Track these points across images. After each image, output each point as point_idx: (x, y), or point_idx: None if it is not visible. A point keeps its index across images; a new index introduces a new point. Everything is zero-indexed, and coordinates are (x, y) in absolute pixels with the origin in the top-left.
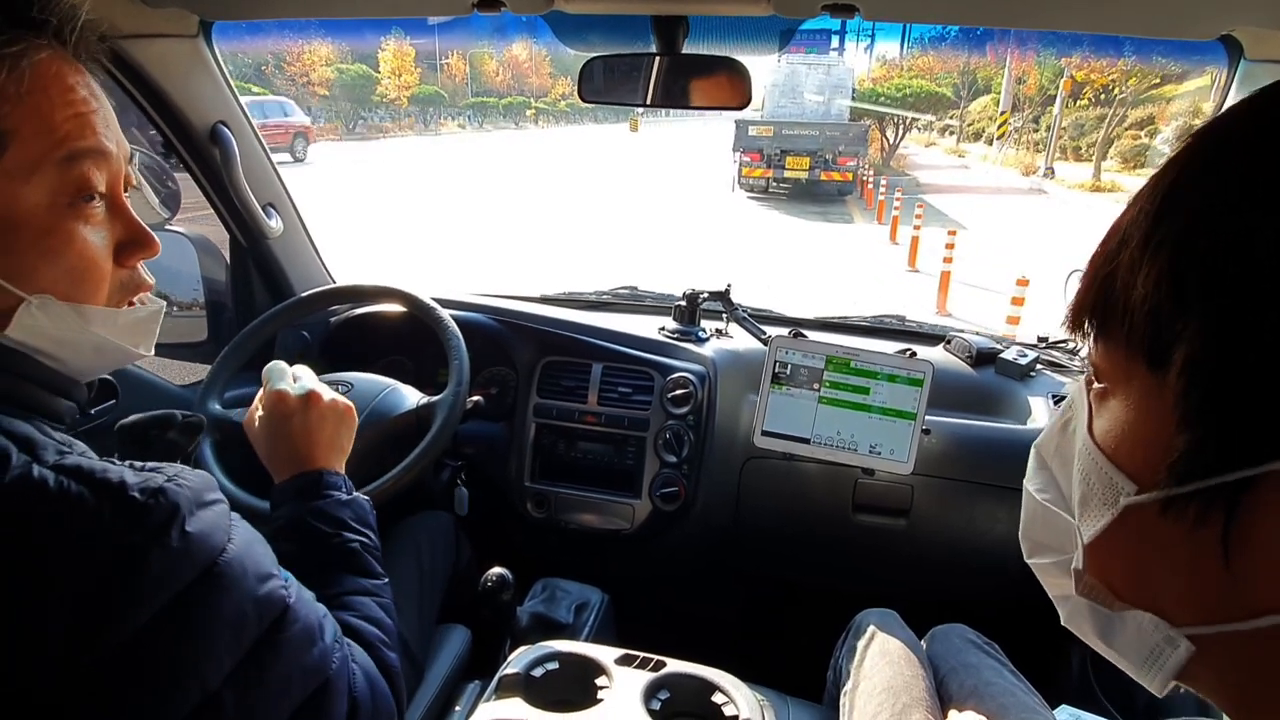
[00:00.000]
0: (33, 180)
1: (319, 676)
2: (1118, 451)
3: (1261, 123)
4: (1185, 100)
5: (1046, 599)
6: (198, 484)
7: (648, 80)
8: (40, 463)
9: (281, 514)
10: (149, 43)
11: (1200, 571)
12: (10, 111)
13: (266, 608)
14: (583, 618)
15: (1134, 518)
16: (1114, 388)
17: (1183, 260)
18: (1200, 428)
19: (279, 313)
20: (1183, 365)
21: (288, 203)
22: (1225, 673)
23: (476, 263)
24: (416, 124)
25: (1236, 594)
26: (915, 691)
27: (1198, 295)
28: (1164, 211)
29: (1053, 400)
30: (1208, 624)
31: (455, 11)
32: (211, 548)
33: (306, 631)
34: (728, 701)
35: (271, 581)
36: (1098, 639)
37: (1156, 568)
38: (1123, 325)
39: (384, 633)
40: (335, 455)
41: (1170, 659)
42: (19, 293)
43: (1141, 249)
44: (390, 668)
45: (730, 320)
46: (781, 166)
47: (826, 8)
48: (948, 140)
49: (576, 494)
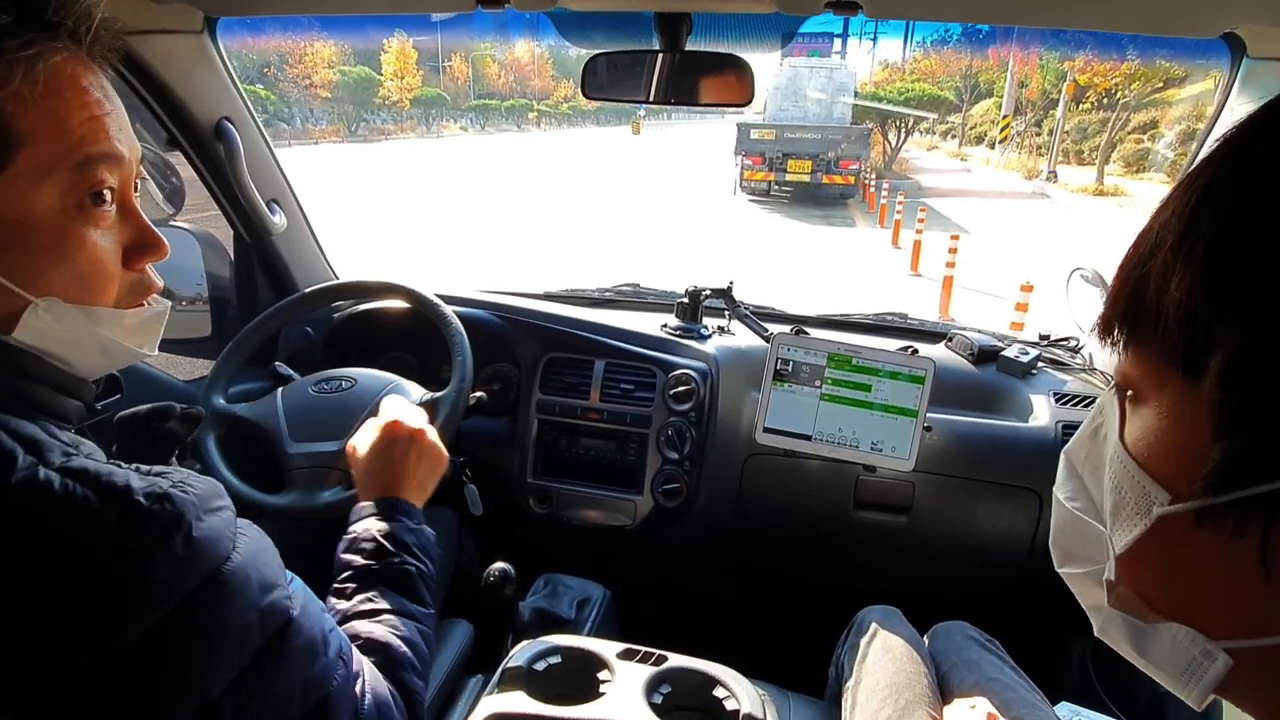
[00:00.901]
0: (46, 184)
1: (320, 690)
2: (1150, 460)
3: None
4: (1188, 104)
5: (1047, 596)
6: (204, 490)
7: (651, 77)
8: (46, 465)
9: (356, 528)
10: (154, 38)
11: (1238, 583)
12: (25, 114)
13: (270, 618)
14: (585, 612)
15: (1168, 528)
16: (1146, 395)
17: (1219, 263)
18: (1238, 436)
19: (283, 308)
20: (1220, 372)
21: (291, 199)
22: (1268, 688)
23: (480, 262)
24: (419, 126)
25: (1278, 607)
26: (918, 688)
27: (1235, 299)
28: (1199, 213)
29: (1054, 398)
30: (1247, 638)
31: (460, 8)
32: (216, 555)
33: (309, 644)
34: (729, 696)
35: (276, 592)
36: (1132, 650)
37: (1192, 580)
38: (1155, 331)
39: (416, 657)
40: (419, 492)
41: (1209, 673)
42: (26, 295)
43: (1175, 252)
44: (413, 692)
45: (732, 317)
46: (783, 170)
47: (830, 5)
48: (950, 144)
49: (579, 490)
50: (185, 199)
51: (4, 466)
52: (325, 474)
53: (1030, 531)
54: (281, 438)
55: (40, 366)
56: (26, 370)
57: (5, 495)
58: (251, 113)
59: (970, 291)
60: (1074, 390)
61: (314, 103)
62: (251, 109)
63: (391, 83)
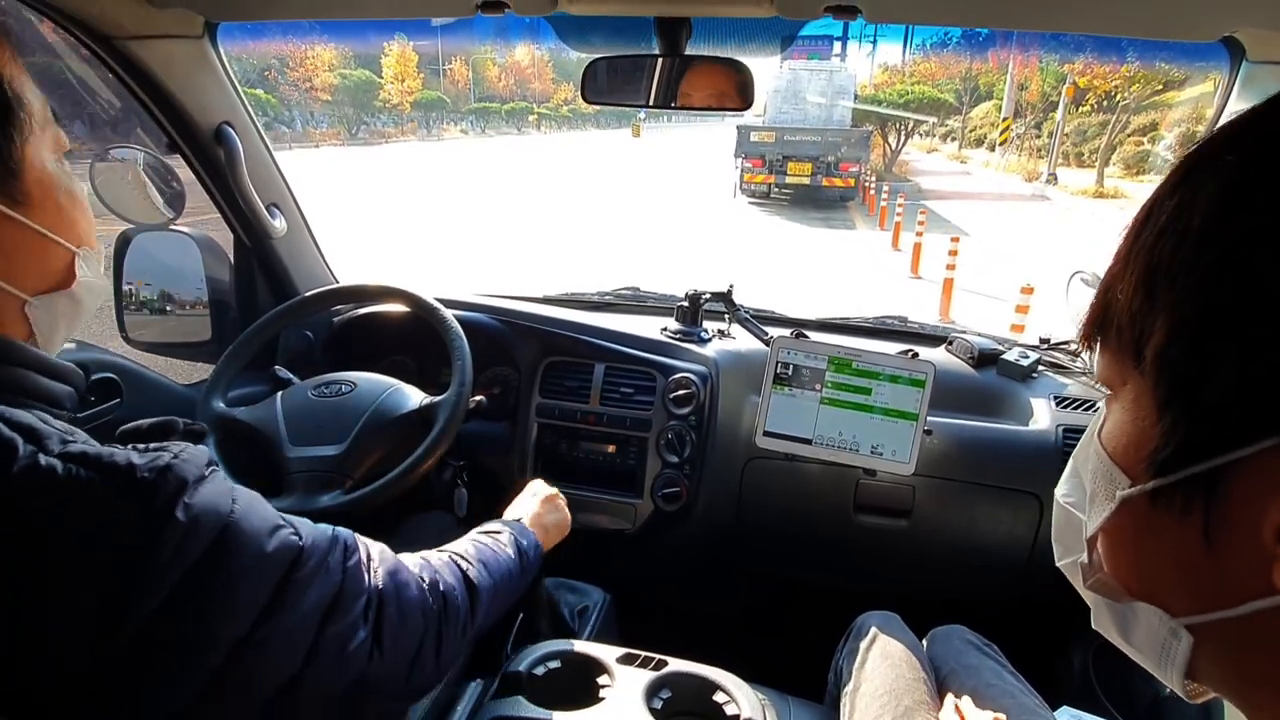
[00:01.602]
0: (45, 139)
1: (333, 591)
2: (1116, 450)
3: (1210, 151)
4: (1188, 106)
5: (1047, 600)
6: (198, 456)
7: (650, 81)
8: (46, 452)
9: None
10: (155, 43)
11: (1190, 561)
12: (15, 75)
13: (281, 556)
14: (585, 617)
15: (1130, 511)
16: (1116, 393)
17: (1152, 265)
18: (1170, 418)
19: (282, 312)
20: (1152, 359)
21: (291, 203)
22: (1226, 664)
23: (481, 266)
24: (419, 129)
25: (1225, 581)
26: (917, 694)
27: (1162, 292)
28: (1143, 225)
29: (1055, 401)
30: (1201, 613)
31: (459, 12)
32: (220, 514)
33: (321, 562)
34: (729, 701)
35: (280, 532)
36: (1120, 638)
37: (1154, 560)
38: (1116, 332)
39: (479, 588)
40: (553, 538)
41: (1178, 653)
42: (70, 247)
43: (1124, 261)
44: (475, 586)
45: (732, 321)
46: (783, 172)
47: (829, 9)
48: (950, 146)
49: (579, 494)
50: (185, 203)
51: (5, 456)
52: (324, 478)
53: (1030, 535)
54: (281, 442)
55: (28, 353)
56: (14, 357)
57: (9, 485)
58: (252, 117)
59: (970, 294)
60: (1074, 394)
61: (314, 106)
62: (251, 113)
63: (392, 86)
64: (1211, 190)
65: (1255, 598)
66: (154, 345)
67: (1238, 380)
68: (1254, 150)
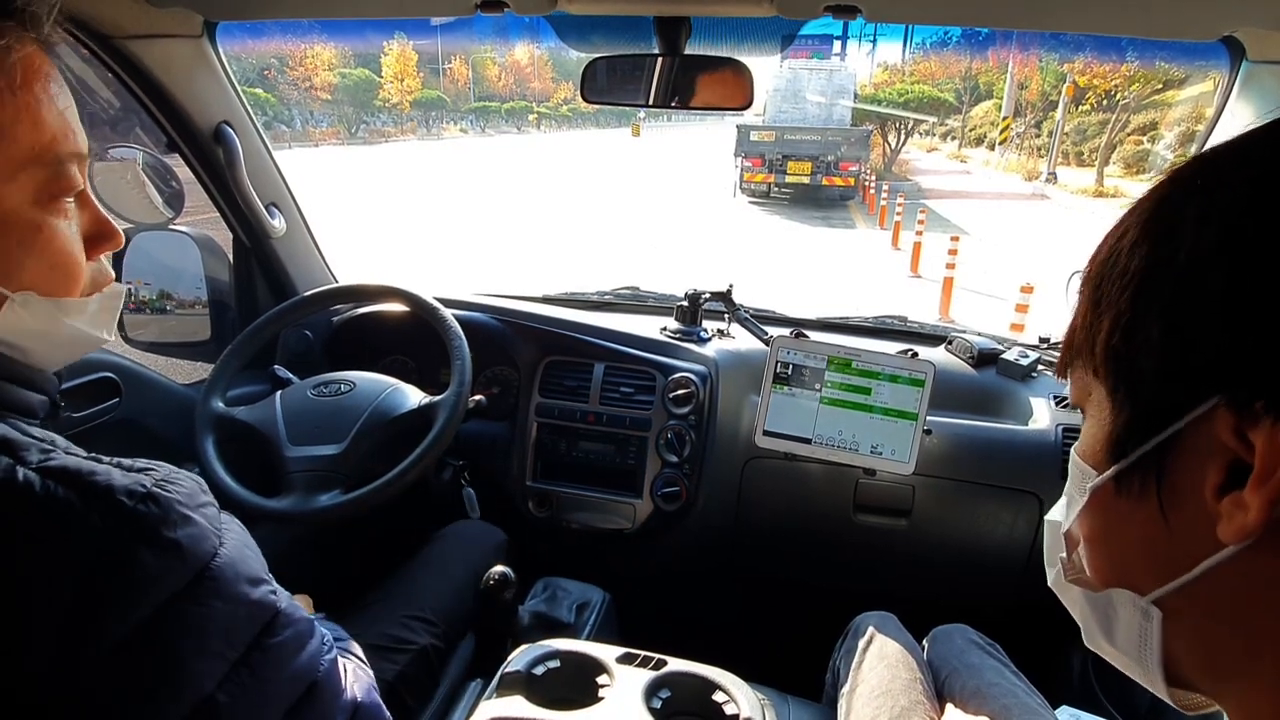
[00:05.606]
0: (20, 178)
1: (308, 677)
2: (1086, 453)
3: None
4: (1188, 105)
5: (1047, 600)
6: (188, 487)
7: (650, 81)
8: (24, 465)
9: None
10: (154, 43)
11: (1151, 537)
12: (2, 108)
13: (259, 612)
14: (584, 616)
15: (1099, 501)
16: (1085, 408)
17: (1096, 285)
18: (1117, 404)
19: (282, 312)
20: (1101, 353)
21: (291, 202)
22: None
23: (480, 265)
24: (419, 128)
25: (1181, 550)
26: (913, 695)
27: (1104, 299)
28: (1094, 259)
29: (1054, 401)
30: (1163, 584)
31: (459, 12)
32: (202, 553)
33: (297, 636)
34: (728, 700)
35: (262, 586)
36: (1106, 641)
37: (1124, 545)
38: (1076, 354)
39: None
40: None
41: (1152, 635)
42: (3, 291)
43: (1081, 289)
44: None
45: (732, 320)
46: (783, 171)
47: (829, 9)
48: (950, 145)
49: (578, 493)
50: (184, 202)
51: None
52: (324, 478)
53: (1030, 534)
54: (280, 441)
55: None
56: None
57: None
58: (251, 116)
59: (970, 293)
60: None
61: (314, 105)
62: (251, 112)
63: (391, 85)
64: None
65: (1205, 558)
66: (153, 345)
67: (1162, 352)
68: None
